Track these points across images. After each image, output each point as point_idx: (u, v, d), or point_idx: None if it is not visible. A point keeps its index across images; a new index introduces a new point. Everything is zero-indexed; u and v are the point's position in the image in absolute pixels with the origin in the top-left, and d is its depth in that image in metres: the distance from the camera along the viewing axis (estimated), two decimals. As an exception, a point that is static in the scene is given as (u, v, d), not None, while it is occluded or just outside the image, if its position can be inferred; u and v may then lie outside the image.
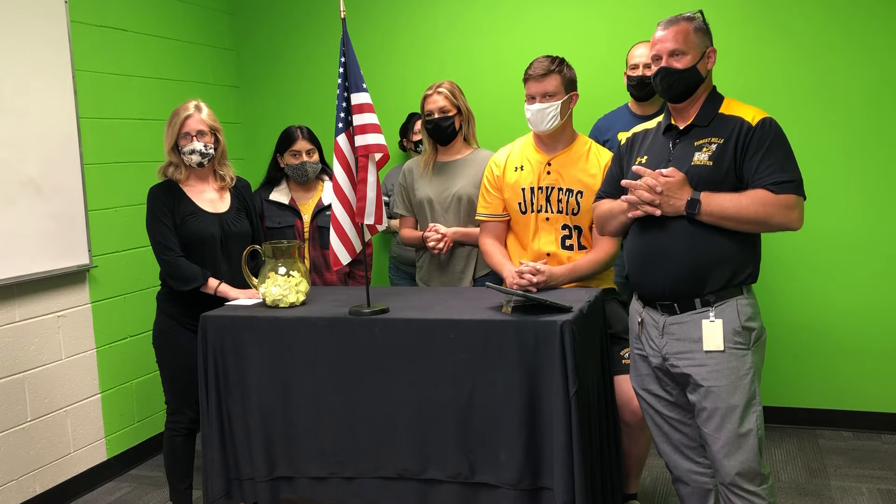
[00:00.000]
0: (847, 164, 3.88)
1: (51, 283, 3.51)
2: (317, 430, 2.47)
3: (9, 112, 3.30)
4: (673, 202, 2.21)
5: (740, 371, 2.23)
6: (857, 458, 3.64)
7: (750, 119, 2.23)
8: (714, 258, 2.24)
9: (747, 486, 2.24)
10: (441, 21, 4.46)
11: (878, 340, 3.90)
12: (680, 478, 2.46)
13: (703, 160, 2.24)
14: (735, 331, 2.23)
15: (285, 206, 3.36)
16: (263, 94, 4.87)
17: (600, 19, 4.17)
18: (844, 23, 3.82)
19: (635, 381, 2.49)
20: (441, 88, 3.16)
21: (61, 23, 3.55)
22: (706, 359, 2.24)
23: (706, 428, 2.27)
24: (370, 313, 2.44)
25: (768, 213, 2.17)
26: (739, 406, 2.22)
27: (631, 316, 2.49)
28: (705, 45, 2.29)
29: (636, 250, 2.37)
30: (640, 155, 2.40)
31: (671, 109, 2.38)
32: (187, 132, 2.94)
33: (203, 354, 2.58)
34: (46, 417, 3.49)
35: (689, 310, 2.28)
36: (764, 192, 2.17)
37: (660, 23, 2.31)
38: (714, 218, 2.20)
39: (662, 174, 2.22)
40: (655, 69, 2.31)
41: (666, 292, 2.30)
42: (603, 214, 2.50)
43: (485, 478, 2.30)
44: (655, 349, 2.35)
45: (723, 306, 2.24)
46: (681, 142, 2.32)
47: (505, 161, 2.93)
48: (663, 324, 2.32)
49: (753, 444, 2.23)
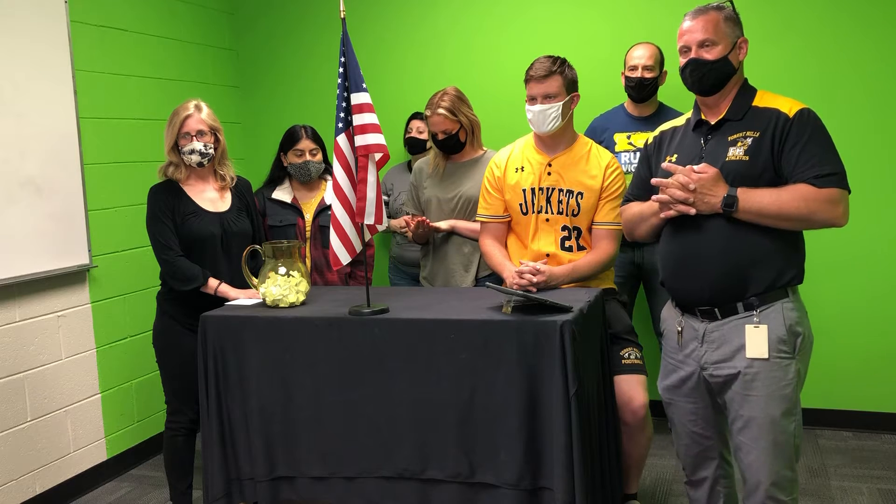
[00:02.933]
0: (852, 162, 3.81)
1: (51, 283, 3.51)
2: (317, 430, 2.47)
3: (9, 112, 3.29)
4: (708, 199, 2.09)
5: (782, 381, 2.11)
6: (857, 458, 3.64)
7: (787, 110, 2.11)
8: (755, 259, 2.10)
9: (780, 497, 2.15)
10: (441, 21, 4.46)
11: (877, 341, 3.90)
12: (696, 482, 2.39)
13: (738, 155, 2.11)
14: (780, 339, 2.11)
15: (288, 205, 3.37)
16: (263, 94, 4.87)
17: (600, 19, 4.16)
18: (851, 19, 3.80)
19: (665, 386, 2.36)
20: (440, 109, 3.12)
21: (61, 22, 3.54)
22: (748, 367, 2.12)
23: (742, 437, 2.16)
24: (370, 313, 2.44)
25: (811, 209, 2.05)
26: (778, 417, 2.11)
27: (667, 321, 2.36)
28: (736, 35, 2.17)
29: (670, 254, 2.25)
30: (669, 153, 2.28)
31: (700, 104, 2.26)
32: (187, 132, 2.94)
33: (203, 354, 2.58)
34: (46, 417, 3.49)
35: (732, 314, 2.15)
36: (806, 187, 2.05)
37: (687, 13, 2.19)
38: (753, 215, 2.07)
39: (695, 170, 2.10)
40: (684, 61, 2.18)
41: (705, 297, 2.17)
42: (632, 218, 2.37)
43: (485, 478, 2.30)
44: (693, 360, 2.24)
45: (767, 310, 2.12)
46: (713, 137, 2.20)
47: (506, 162, 2.93)
48: (703, 331, 2.20)
49: (790, 454, 2.13)
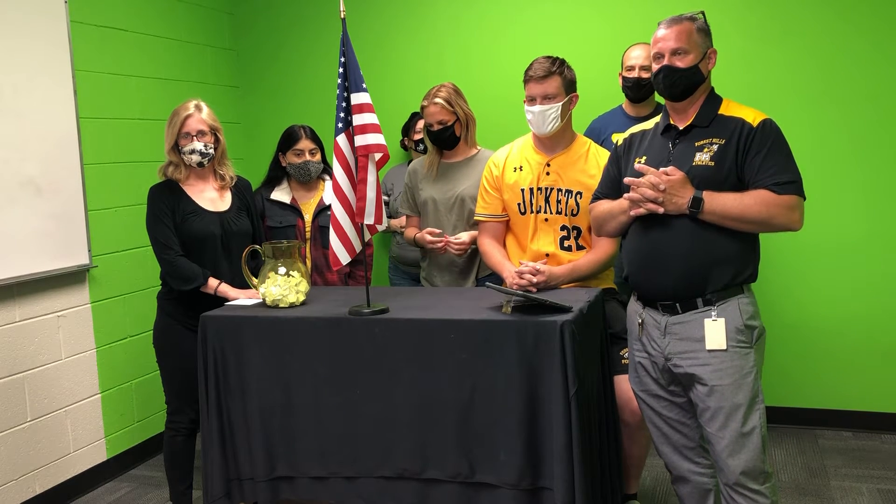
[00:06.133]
0: (852, 163, 3.87)
1: (51, 283, 3.51)
2: (317, 430, 2.47)
3: (9, 112, 3.29)
4: (676, 200, 2.21)
5: (743, 369, 2.24)
6: (857, 458, 3.64)
7: (751, 120, 2.24)
8: (716, 258, 2.24)
9: (751, 485, 2.24)
10: (440, 21, 4.46)
11: (878, 341, 3.90)
12: (680, 478, 2.46)
13: (704, 160, 2.24)
14: (738, 329, 2.24)
15: (287, 206, 3.36)
16: (263, 94, 4.87)
17: (599, 18, 4.17)
18: (850, 21, 3.81)
19: (634, 383, 2.49)
20: (437, 99, 3.14)
21: (61, 23, 3.54)
22: (709, 358, 2.24)
23: (710, 427, 2.27)
24: (370, 313, 2.44)
25: (771, 214, 2.18)
26: (743, 405, 2.23)
27: (630, 317, 2.49)
28: (707, 46, 2.30)
29: (637, 250, 2.37)
30: (638, 155, 2.39)
31: (670, 109, 2.38)
32: (187, 132, 2.93)
33: (203, 354, 2.58)
34: (46, 417, 3.49)
35: (691, 309, 2.28)
36: (766, 193, 2.18)
37: (661, 22, 2.32)
38: (716, 217, 2.20)
39: (665, 172, 2.22)
40: (657, 67, 2.30)
41: (668, 292, 2.30)
42: (601, 215, 2.49)
43: (485, 478, 2.30)
44: (658, 350, 2.35)
45: (724, 305, 2.25)
46: (681, 142, 2.32)
47: (504, 161, 2.92)
48: (665, 324, 2.32)
49: (757, 442, 2.24)
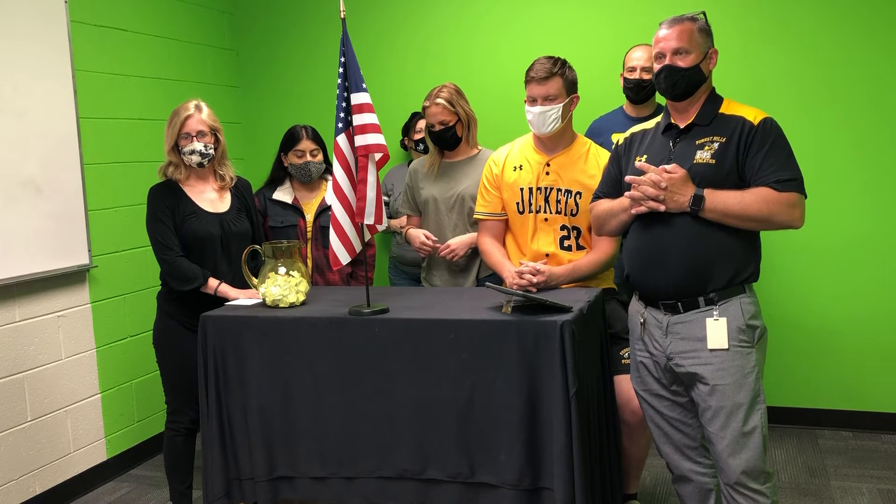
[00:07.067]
0: (853, 162, 3.87)
1: (51, 283, 3.51)
2: (317, 430, 2.47)
3: (9, 112, 3.29)
4: (677, 198, 2.21)
5: (745, 369, 2.24)
6: (857, 458, 3.64)
7: (752, 118, 2.25)
8: (717, 256, 2.24)
9: (752, 485, 2.24)
10: (441, 21, 4.46)
11: (878, 341, 3.90)
12: (681, 478, 2.46)
13: (705, 158, 2.25)
14: (739, 329, 2.24)
15: (288, 206, 3.37)
16: (263, 94, 4.87)
17: (600, 19, 4.17)
18: (851, 21, 3.81)
19: (636, 383, 2.48)
20: (438, 99, 3.14)
21: (61, 23, 3.54)
22: (711, 357, 2.24)
23: (711, 427, 2.27)
24: (370, 313, 2.44)
25: (772, 211, 2.19)
26: (744, 404, 2.23)
27: (632, 317, 2.48)
28: (708, 46, 2.31)
29: (637, 249, 2.37)
30: (639, 154, 2.40)
31: (671, 108, 2.39)
32: (187, 132, 2.93)
33: (203, 354, 2.58)
34: (46, 417, 3.49)
35: (693, 308, 2.28)
36: (767, 190, 2.19)
37: (662, 22, 2.33)
38: (718, 215, 2.20)
39: (666, 170, 2.23)
40: (658, 67, 2.31)
41: (669, 291, 2.30)
42: (602, 214, 2.50)
43: (485, 478, 2.30)
44: (659, 349, 2.35)
45: (726, 304, 2.25)
46: (681, 140, 2.33)
47: (504, 160, 2.93)
48: (667, 323, 2.32)
49: (758, 442, 2.24)
